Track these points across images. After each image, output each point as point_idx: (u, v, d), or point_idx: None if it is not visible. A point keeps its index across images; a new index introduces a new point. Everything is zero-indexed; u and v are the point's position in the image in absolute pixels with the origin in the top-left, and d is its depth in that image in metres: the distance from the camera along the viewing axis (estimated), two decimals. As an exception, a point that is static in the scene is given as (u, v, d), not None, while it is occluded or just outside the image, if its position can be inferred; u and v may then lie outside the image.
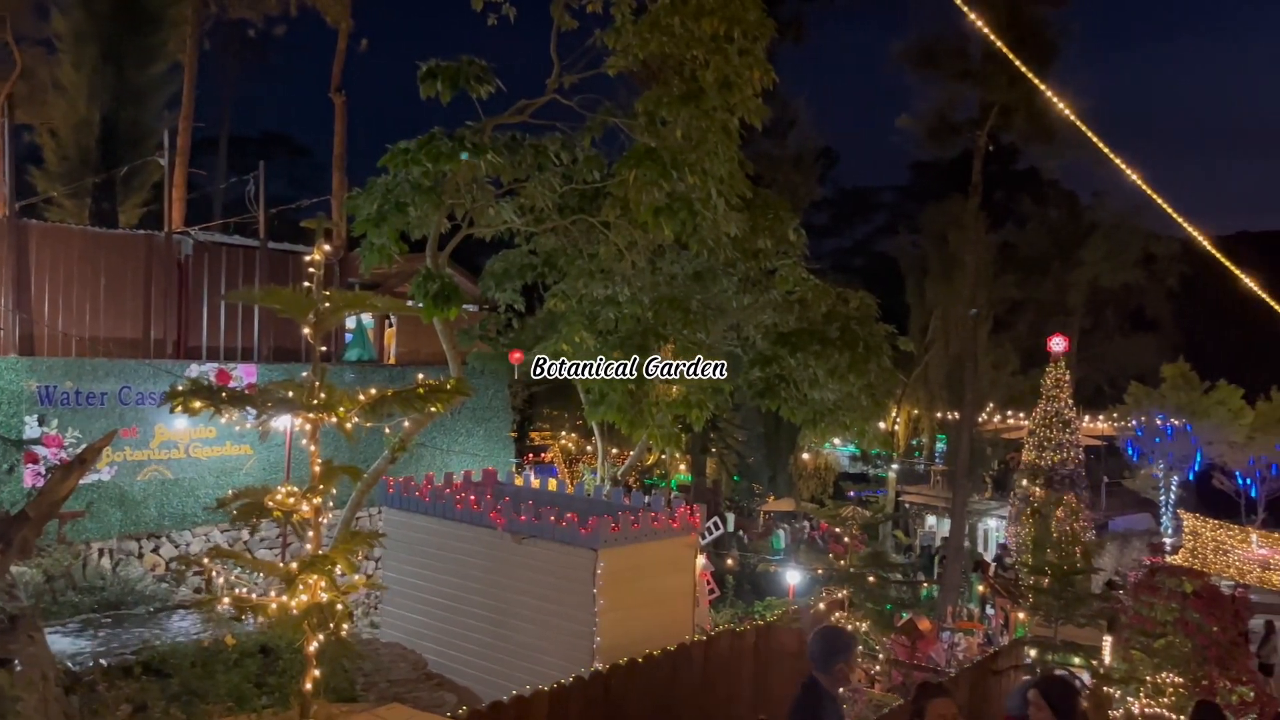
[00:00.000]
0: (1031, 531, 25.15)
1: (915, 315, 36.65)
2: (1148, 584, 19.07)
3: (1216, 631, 18.36)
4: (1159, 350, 38.05)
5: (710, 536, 17.72)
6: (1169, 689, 16.65)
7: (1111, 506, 35.01)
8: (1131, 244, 36.39)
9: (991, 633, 22.39)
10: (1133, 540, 30.78)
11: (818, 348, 16.12)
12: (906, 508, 36.22)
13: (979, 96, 23.79)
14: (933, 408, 37.92)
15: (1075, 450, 28.28)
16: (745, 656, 9.79)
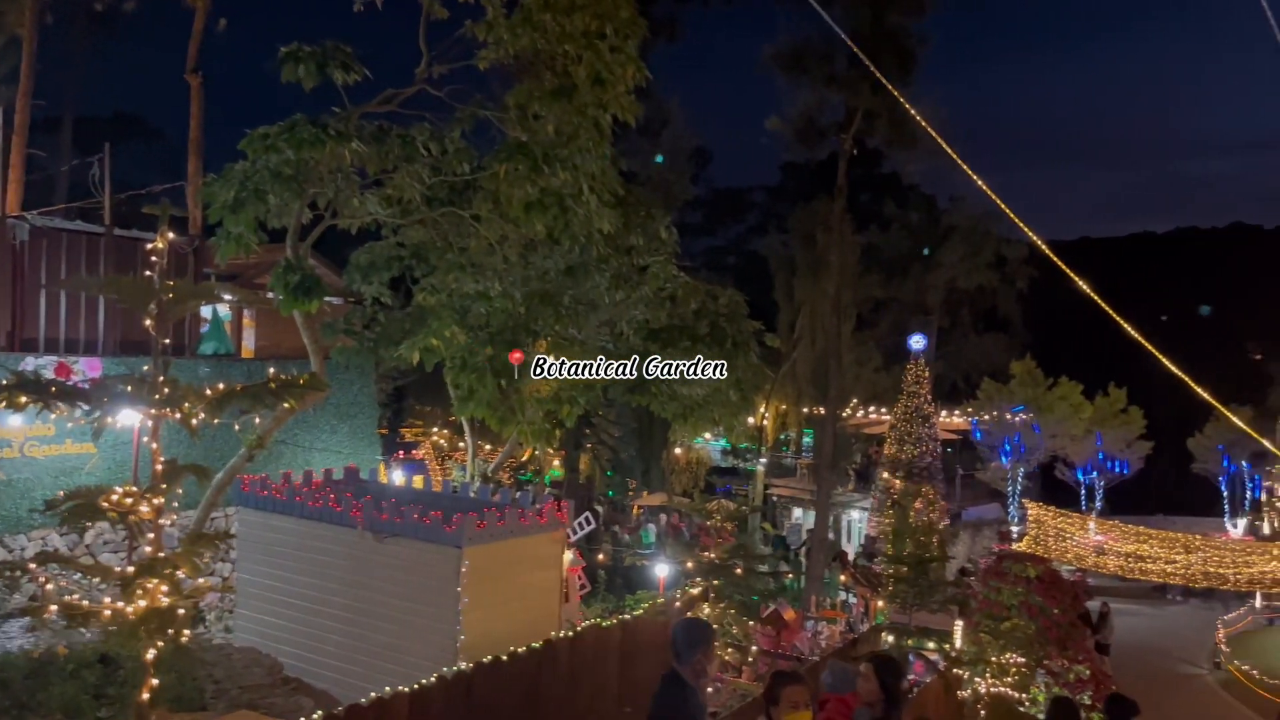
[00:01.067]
0: (891, 522, 26.12)
1: (784, 313, 37.56)
2: (996, 570, 20.11)
3: (1057, 614, 19.50)
4: (1009, 348, 40.18)
5: (581, 532, 17.73)
6: (1013, 669, 17.60)
7: (965, 497, 36.75)
8: (985, 247, 38.30)
9: (853, 620, 23.20)
10: (984, 529, 32.44)
11: (687, 343, 16.37)
12: (774, 500, 37.12)
13: (845, 101, 24.55)
14: (800, 403, 38.96)
15: (933, 444, 29.56)
16: (612, 650, 9.84)
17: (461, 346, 14.09)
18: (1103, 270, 73.39)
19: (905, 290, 40.27)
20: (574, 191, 12.54)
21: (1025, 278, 40.09)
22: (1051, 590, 19.84)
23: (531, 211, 12.23)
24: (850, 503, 34.33)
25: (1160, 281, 70.25)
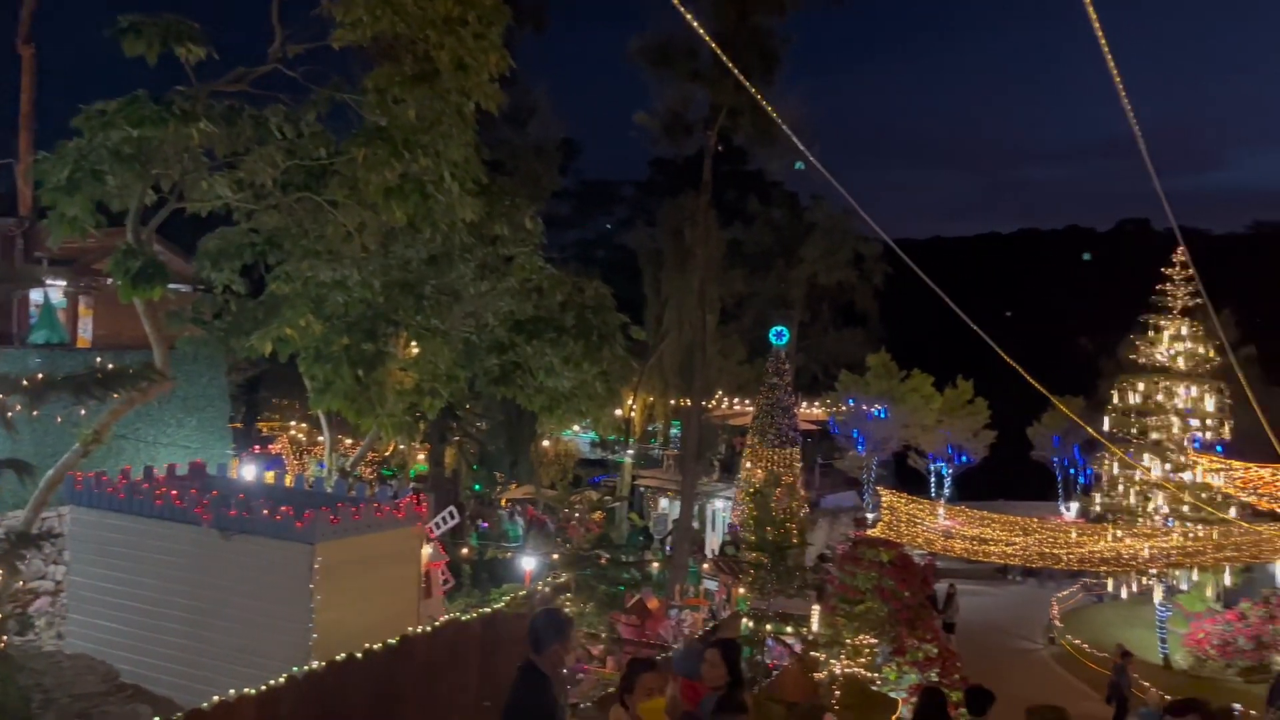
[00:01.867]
0: (753, 511, 26.75)
1: (651, 306, 37.93)
2: (851, 555, 20.87)
3: (908, 596, 20.39)
4: (866, 342, 41.76)
5: (445, 526, 17.49)
6: (866, 650, 18.31)
7: (823, 486, 38.01)
8: (844, 245, 39.65)
9: (715, 608, 23.69)
10: (841, 516, 33.62)
11: (554, 335, 16.30)
12: (641, 491, 37.49)
13: (709, 98, 24.90)
14: (667, 395, 39.46)
15: (794, 434, 30.41)
16: (472, 644, 9.74)
17: (317, 337, 13.62)
18: (953, 268, 76.98)
19: (768, 285, 41.27)
20: (436, 178, 12.28)
21: (881, 274, 41.69)
22: (903, 574, 20.75)
23: (391, 198, 11.91)
24: (715, 492, 35.00)
25: (1005, 279, 74.29)
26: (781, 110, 22.76)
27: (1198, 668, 24.62)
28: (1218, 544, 22.45)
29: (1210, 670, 24.21)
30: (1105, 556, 23.11)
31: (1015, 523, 24.23)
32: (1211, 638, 25.21)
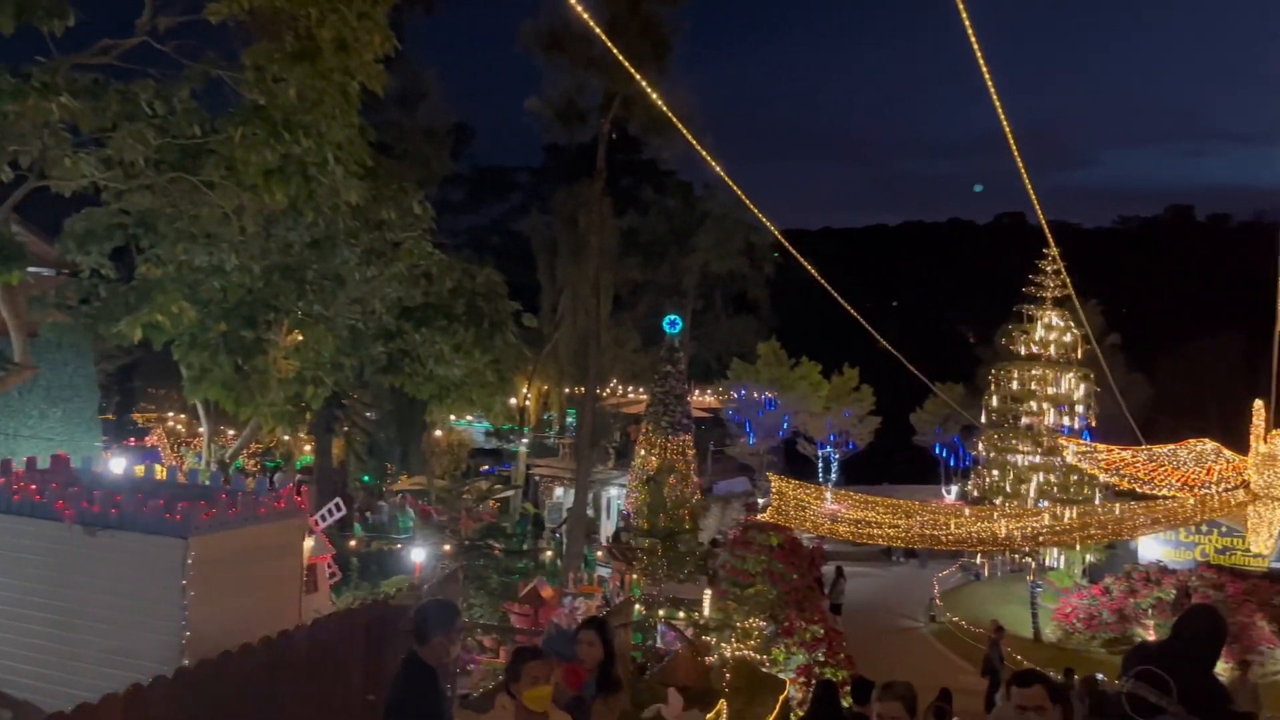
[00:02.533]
0: (646, 498, 26.97)
1: (546, 294, 37.78)
2: (742, 540, 21.21)
3: (797, 579, 20.86)
4: (758, 331, 42.52)
5: (332, 518, 17.07)
6: (755, 632, 18.67)
7: (716, 472, 38.58)
8: (736, 234, 40.23)
9: (609, 594, 23.77)
10: (733, 502, 34.15)
11: (444, 323, 16.06)
12: (536, 480, 37.36)
13: (603, 85, 24.85)
14: (562, 383, 39.39)
15: (687, 422, 30.75)
16: (356, 637, 9.51)
17: (192, 323, 13.06)
18: (842, 259, 78.98)
19: (662, 273, 41.58)
20: (318, 160, 11.88)
21: (772, 264, 42.47)
22: (792, 557, 21.22)
23: (271, 179, 11.47)
24: (609, 480, 35.13)
25: (891, 270, 76.61)
26: (672, 99, 22.85)
27: (1065, 640, 25.96)
28: (1084, 523, 23.66)
29: (1076, 642, 25.56)
30: (982, 537, 24.10)
31: (898, 506, 25.05)
32: (1078, 612, 26.62)
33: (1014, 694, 4.58)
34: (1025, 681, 4.58)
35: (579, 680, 6.42)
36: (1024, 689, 4.53)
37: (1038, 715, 4.43)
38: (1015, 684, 4.67)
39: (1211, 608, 6.55)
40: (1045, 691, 4.46)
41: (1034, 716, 4.44)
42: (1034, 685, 4.50)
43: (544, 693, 5.23)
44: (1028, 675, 4.67)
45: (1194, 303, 45.66)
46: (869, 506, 24.62)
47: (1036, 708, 4.43)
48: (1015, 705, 4.58)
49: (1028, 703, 4.48)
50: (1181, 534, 29.25)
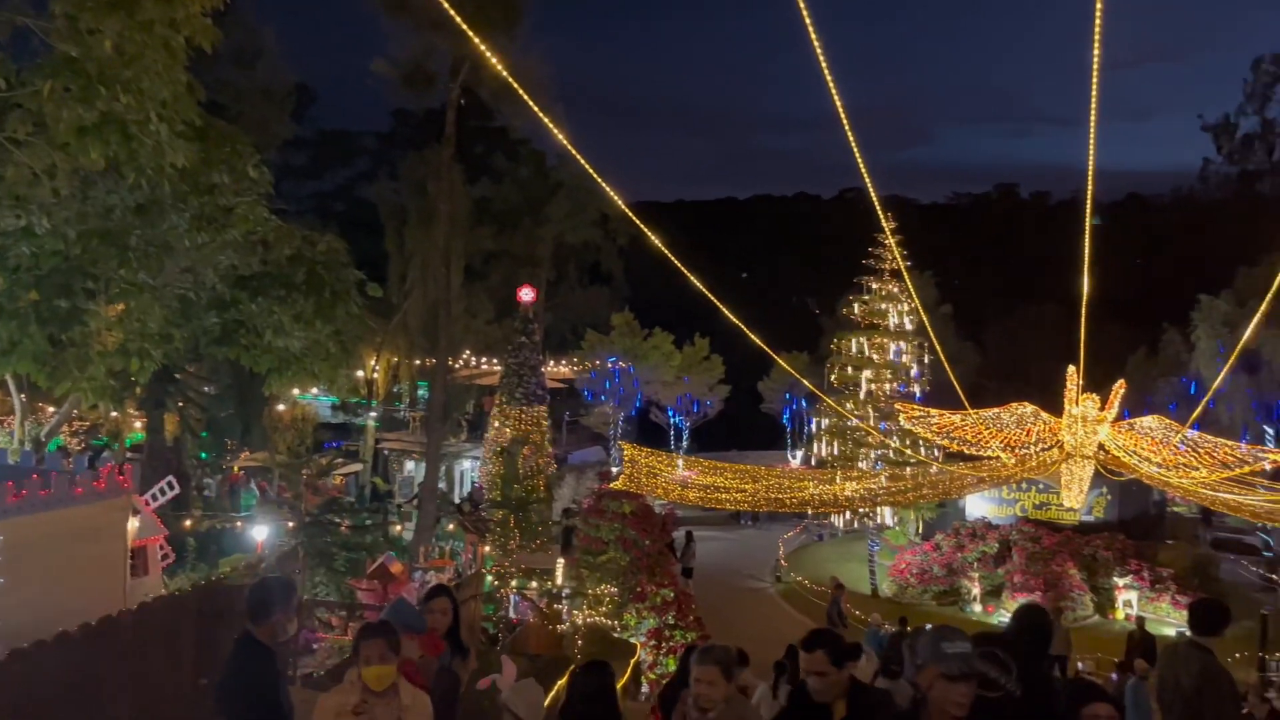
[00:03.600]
0: (500, 469, 26.80)
1: (395, 263, 36.78)
2: (595, 508, 21.42)
3: (648, 544, 21.23)
4: (611, 301, 42.72)
5: (164, 498, 16.24)
6: (606, 598, 18.94)
7: (570, 442, 38.70)
8: (590, 205, 40.15)
9: (462, 568, 23.58)
10: (587, 471, 34.40)
11: (282, 292, 15.43)
12: (386, 454, 36.55)
13: (451, 49, 24.20)
14: (412, 354, 38.55)
15: (542, 393, 30.66)
16: (187, 619, 9.10)
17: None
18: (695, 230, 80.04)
19: (516, 243, 41.14)
20: (139, 118, 11.14)
21: (625, 234, 42.66)
22: (644, 523, 21.59)
23: (86, 137, 10.69)
24: (462, 453, 34.74)
25: (742, 242, 78.25)
26: (522, 67, 22.54)
27: (900, 594, 27.46)
28: (917, 484, 25.02)
29: (910, 596, 27.08)
30: (824, 499, 25.13)
31: (746, 470, 25.80)
32: (912, 567, 28.18)
33: (800, 658, 4.64)
34: (808, 646, 4.64)
35: (439, 649, 6.39)
36: (807, 654, 4.62)
37: (819, 680, 4.55)
38: (800, 648, 4.68)
39: (1041, 608, 7.35)
40: (827, 656, 4.55)
41: (816, 680, 4.55)
42: (816, 651, 4.58)
43: (382, 672, 5.13)
44: (810, 640, 4.70)
45: (1018, 275, 48.68)
46: (718, 472, 25.26)
47: (818, 673, 4.55)
48: (801, 669, 4.66)
49: (810, 667, 4.59)
50: (1004, 492, 31.34)
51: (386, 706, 5.04)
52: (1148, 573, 26.14)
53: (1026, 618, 5.98)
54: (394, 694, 5.11)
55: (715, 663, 4.80)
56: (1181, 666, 7.23)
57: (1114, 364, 34.28)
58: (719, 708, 4.73)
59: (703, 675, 4.83)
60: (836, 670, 4.55)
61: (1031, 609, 6.29)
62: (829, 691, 4.59)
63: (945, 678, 4.00)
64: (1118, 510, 31.89)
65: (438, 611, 6.51)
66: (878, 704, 4.78)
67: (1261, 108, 61.50)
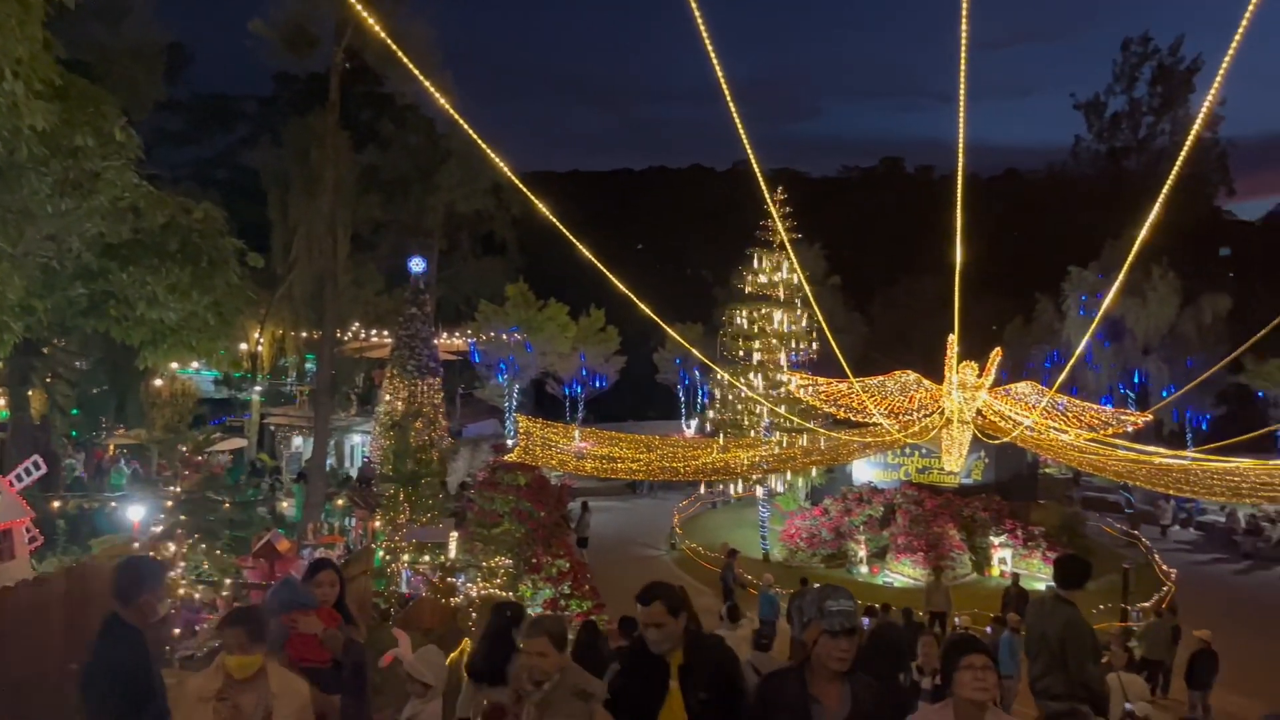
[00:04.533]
0: (393, 444, 26.36)
1: (279, 232, 35.52)
2: (490, 481, 21.30)
3: (544, 516, 21.24)
4: (505, 271, 42.26)
5: (30, 478, 15.44)
6: (501, 571, 18.90)
7: (465, 415, 38.30)
8: (482, 174, 39.51)
9: (352, 543, 23.15)
10: (482, 444, 34.15)
11: (155, 262, 14.77)
12: (273, 430, 35.52)
13: (334, 11, 23.39)
14: (298, 327, 37.42)
15: (434, 365, 30.21)
16: (54, 603, 8.70)
17: None
18: (591, 201, 79.65)
19: (405, 212, 40.25)
20: (-9, 76, 10.48)
21: (519, 204, 42.16)
22: (539, 495, 21.58)
23: (-71, 96, 10.01)
24: (352, 427, 34.02)
25: (639, 213, 78.26)
26: (408, 31, 21.96)
27: (791, 558, 28.20)
28: (806, 451, 25.66)
29: (800, 560, 27.84)
30: (717, 467, 25.54)
31: (641, 440, 25.99)
32: (801, 532, 28.95)
33: (638, 611, 4.69)
34: (646, 600, 4.69)
35: (337, 620, 6.33)
36: (645, 607, 4.68)
37: (658, 631, 4.65)
38: (637, 601, 4.72)
39: (897, 626, 8.36)
40: (664, 607, 4.65)
41: (655, 632, 4.65)
42: (653, 603, 4.66)
43: (243, 661, 4.98)
44: (646, 593, 4.75)
45: (904, 247, 50.10)
46: (614, 443, 25.38)
47: (656, 624, 4.64)
48: (640, 622, 4.72)
49: (648, 619, 4.67)
50: (889, 457, 32.43)
51: (252, 694, 4.90)
52: (1021, 531, 27.47)
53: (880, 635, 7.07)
54: (261, 682, 4.97)
55: (545, 633, 4.71)
56: (1047, 619, 7.66)
57: (992, 332, 35.76)
58: (552, 679, 4.66)
59: (532, 647, 4.72)
60: (674, 620, 4.66)
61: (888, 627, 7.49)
62: (667, 641, 4.69)
63: (828, 634, 4.24)
64: (994, 473, 33.38)
65: (325, 584, 6.44)
66: (711, 648, 4.90)
67: (1129, 88, 64.48)
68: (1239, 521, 31.68)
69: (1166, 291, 36.04)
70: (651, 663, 4.75)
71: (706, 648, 4.87)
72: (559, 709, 4.57)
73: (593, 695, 4.59)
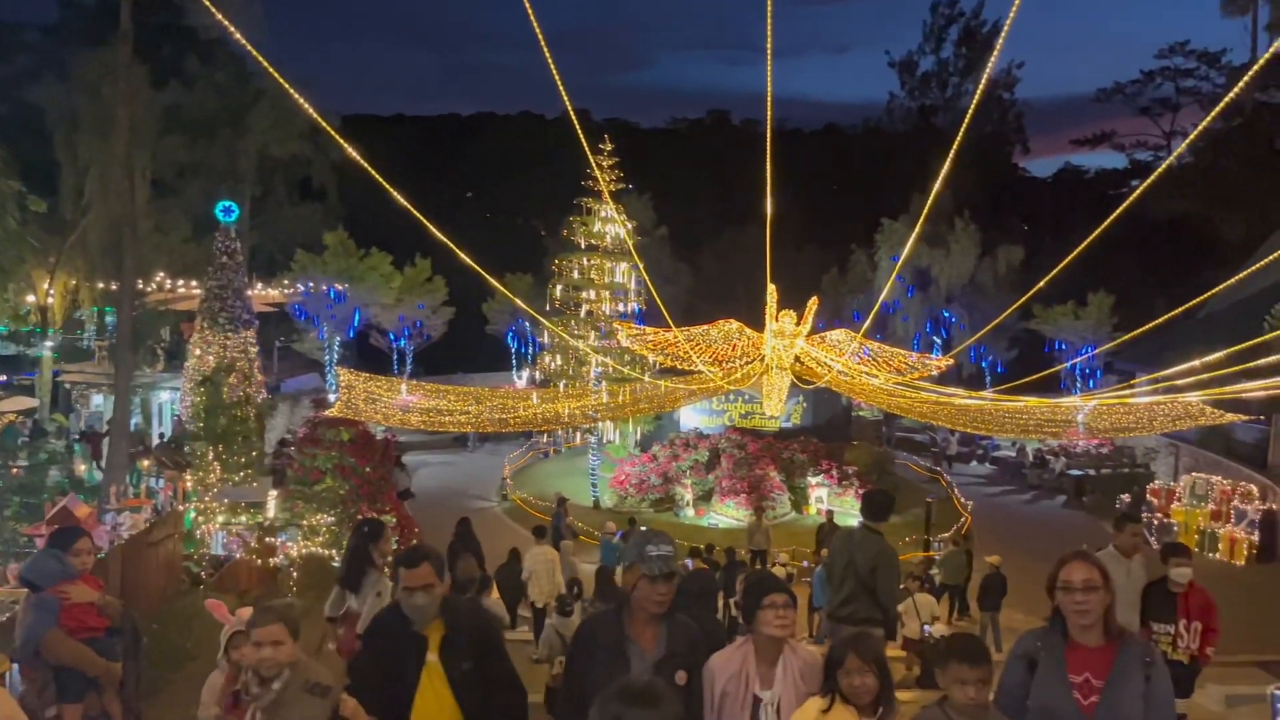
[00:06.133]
0: (205, 400, 25.00)
1: (68, 175, 32.52)
2: (310, 437, 20.62)
3: (369, 471, 20.79)
4: (325, 219, 40.43)
5: None
6: (323, 528, 18.41)
7: (283, 370, 36.74)
8: (297, 115, 37.42)
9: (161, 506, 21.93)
10: (303, 399, 32.93)
11: (-87, 205, 13.33)
12: (68, 388, 32.99)
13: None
14: (94, 277, 34.56)
15: (248, 317, 28.74)
16: None
17: None
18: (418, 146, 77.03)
19: (214, 155, 37.76)
20: None
21: (340, 148, 40.21)
22: (363, 450, 21.08)
23: None
24: (158, 383, 32.06)
25: (468, 160, 76.36)
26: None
27: (620, 504, 28.76)
28: (635, 399, 26.04)
29: (629, 505, 28.43)
30: (547, 417, 25.57)
31: (470, 393, 25.67)
32: (631, 478, 29.55)
33: (402, 575, 4.46)
34: (413, 562, 4.46)
35: (100, 587, 6.14)
36: (411, 569, 4.43)
37: (427, 594, 4.41)
38: (400, 565, 4.48)
39: (709, 573, 9.30)
40: (433, 568, 4.46)
41: (423, 596, 4.40)
42: (421, 564, 4.44)
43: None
44: (412, 554, 4.52)
45: (730, 199, 51.13)
46: (441, 395, 24.94)
47: (425, 586, 4.41)
48: (405, 585, 4.44)
49: (416, 582, 4.41)
50: (714, 403, 33.43)
51: None
52: (836, 471, 29.03)
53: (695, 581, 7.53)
54: None
55: (278, 619, 4.16)
56: (858, 548, 8.18)
57: (811, 282, 37.23)
58: (283, 677, 4.11)
59: (264, 635, 4.08)
60: (441, 582, 4.49)
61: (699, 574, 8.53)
62: (432, 606, 4.42)
63: (647, 578, 4.31)
64: (812, 416, 35.03)
65: (84, 553, 6.28)
66: (470, 612, 4.69)
67: (937, 48, 67.92)
68: (1027, 456, 34.59)
69: (967, 244, 38.49)
70: (403, 638, 4.42)
71: (466, 612, 4.63)
72: (291, 711, 4.02)
73: (329, 689, 4.11)
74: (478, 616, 4.72)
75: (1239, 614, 15.35)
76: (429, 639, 4.42)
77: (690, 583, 8.23)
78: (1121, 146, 67.29)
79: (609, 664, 4.26)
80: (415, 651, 4.37)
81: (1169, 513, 25.68)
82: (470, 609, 4.80)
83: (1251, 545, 23.30)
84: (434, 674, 4.37)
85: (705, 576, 9.42)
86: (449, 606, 4.53)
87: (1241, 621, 15.85)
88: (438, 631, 4.44)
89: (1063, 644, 4.18)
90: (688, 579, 8.79)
